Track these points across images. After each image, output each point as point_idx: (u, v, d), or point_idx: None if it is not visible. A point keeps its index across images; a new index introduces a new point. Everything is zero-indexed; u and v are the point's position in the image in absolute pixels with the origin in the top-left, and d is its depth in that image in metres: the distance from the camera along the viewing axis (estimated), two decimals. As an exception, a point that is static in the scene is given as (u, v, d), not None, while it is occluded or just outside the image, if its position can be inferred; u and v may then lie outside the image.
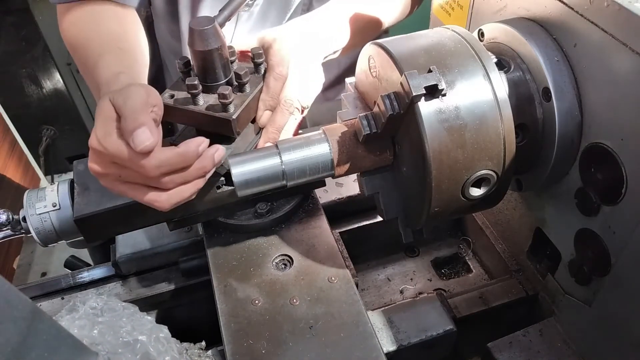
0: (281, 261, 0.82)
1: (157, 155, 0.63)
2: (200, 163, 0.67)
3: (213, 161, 0.69)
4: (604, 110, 0.63)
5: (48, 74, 2.89)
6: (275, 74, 0.79)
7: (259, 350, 0.70)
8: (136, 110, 0.63)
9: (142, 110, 0.64)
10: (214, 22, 0.71)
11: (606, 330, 0.71)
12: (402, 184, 0.73)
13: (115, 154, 0.63)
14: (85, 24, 0.94)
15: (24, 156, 2.83)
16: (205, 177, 0.70)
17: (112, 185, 0.68)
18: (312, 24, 0.89)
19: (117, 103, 0.65)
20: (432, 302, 0.84)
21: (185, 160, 0.66)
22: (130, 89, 0.67)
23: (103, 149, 0.63)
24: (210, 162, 0.68)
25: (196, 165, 0.67)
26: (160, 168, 0.64)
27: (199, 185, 0.70)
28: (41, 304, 0.91)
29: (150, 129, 0.62)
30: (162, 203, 0.68)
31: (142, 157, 0.62)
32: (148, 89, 0.68)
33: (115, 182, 0.68)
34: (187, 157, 0.65)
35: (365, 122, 0.68)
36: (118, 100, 0.65)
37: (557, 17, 0.67)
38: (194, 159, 0.66)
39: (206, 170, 0.69)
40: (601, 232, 0.67)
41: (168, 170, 0.65)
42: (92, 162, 0.67)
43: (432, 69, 0.61)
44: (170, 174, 0.66)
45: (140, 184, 0.67)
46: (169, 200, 0.68)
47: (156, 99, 0.68)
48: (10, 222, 0.83)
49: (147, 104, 0.65)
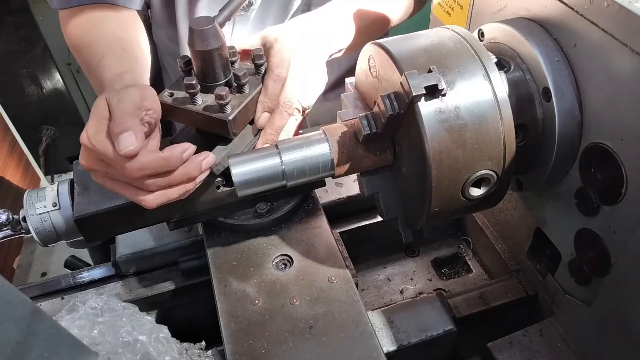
0: (281, 261, 0.82)
1: (140, 159, 0.64)
2: (185, 169, 0.68)
3: (200, 168, 0.69)
4: (604, 110, 0.63)
5: (48, 74, 2.89)
6: (275, 76, 0.79)
7: (259, 350, 0.70)
8: (125, 113, 0.64)
9: (132, 114, 0.65)
10: (214, 22, 0.71)
11: (606, 330, 0.71)
12: (402, 184, 0.73)
13: (102, 153, 0.64)
14: (88, 26, 0.95)
15: (24, 156, 2.83)
16: (196, 181, 0.71)
17: (102, 181, 0.70)
18: (313, 23, 0.89)
19: (111, 103, 0.66)
20: (432, 302, 0.84)
21: (168, 165, 0.66)
22: (125, 90, 0.68)
23: (91, 146, 0.65)
24: (196, 169, 0.69)
25: (181, 171, 0.68)
26: (143, 171, 0.64)
27: (189, 189, 0.71)
28: (41, 304, 0.91)
29: (136, 133, 0.63)
30: (148, 202, 0.69)
31: (126, 159, 0.63)
32: (144, 92, 0.69)
33: (104, 178, 0.69)
34: (169, 162, 0.66)
35: (365, 122, 0.68)
36: (112, 101, 0.66)
37: (557, 17, 0.67)
38: (178, 164, 0.67)
39: (191, 176, 0.69)
40: (601, 232, 0.67)
41: (150, 173, 0.65)
42: (82, 158, 0.68)
43: (432, 69, 0.61)
44: (154, 177, 0.66)
45: (127, 183, 0.68)
46: (154, 200, 0.69)
47: (152, 103, 0.69)
48: (10, 222, 0.83)
49: (139, 107, 0.66)
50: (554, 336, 0.80)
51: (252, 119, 0.80)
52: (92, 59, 0.87)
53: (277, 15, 1.16)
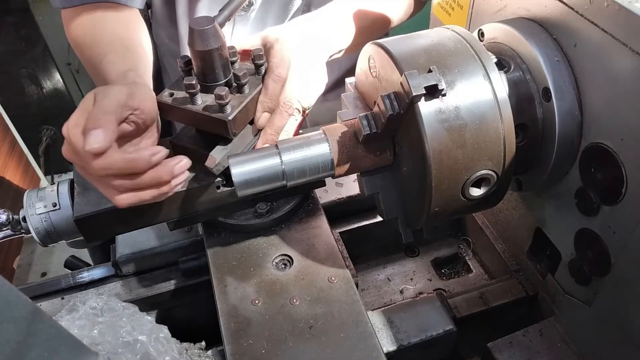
0: (281, 261, 0.82)
1: (105, 158, 0.63)
2: (156, 173, 0.66)
3: (171, 172, 0.67)
4: (604, 110, 0.63)
5: (48, 74, 2.89)
6: (275, 76, 0.79)
7: (259, 350, 0.70)
8: (102, 111, 0.64)
9: (110, 112, 0.64)
10: (214, 22, 0.71)
11: (606, 330, 0.71)
12: (402, 184, 0.73)
13: (75, 147, 0.64)
14: (90, 25, 0.95)
15: (24, 156, 2.83)
16: (171, 184, 0.69)
17: (81, 172, 0.69)
18: (314, 24, 0.89)
19: (96, 98, 0.66)
20: (432, 302, 0.84)
21: (134, 167, 0.65)
22: (113, 87, 0.68)
23: (67, 138, 0.65)
24: (167, 173, 0.67)
25: (150, 174, 0.66)
26: (107, 170, 0.64)
27: (163, 192, 0.69)
28: (41, 304, 0.91)
29: (106, 131, 0.62)
30: (118, 202, 0.68)
31: (92, 156, 0.63)
32: (134, 91, 0.68)
33: (81, 170, 0.69)
34: (134, 164, 0.65)
35: (365, 122, 0.68)
36: (98, 96, 0.66)
37: (557, 17, 0.67)
38: (145, 167, 0.65)
39: (162, 180, 0.67)
40: (601, 232, 0.67)
41: (115, 174, 0.65)
42: (63, 148, 0.68)
43: (432, 69, 0.61)
44: (121, 178, 0.65)
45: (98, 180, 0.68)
46: (125, 200, 0.68)
47: (140, 102, 0.68)
48: (10, 222, 0.83)
49: (122, 106, 0.66)
50: (554, 336, 0.80)
51: (252, 119, 0.80)
52: (95, 57, 0.87)
53: (277, 15, 1.16)
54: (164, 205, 0.78)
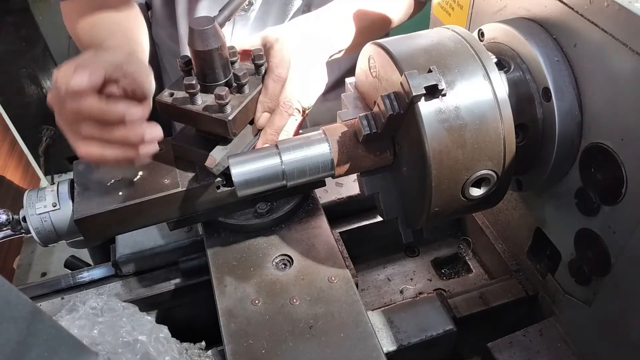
0: (281, 261, 0.82)
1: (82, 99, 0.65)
2: (125, 131, 0.67)
3: (140, 136, 0.68)
4: (604, 110, 0.63)
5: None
6: (275, 76, 0.79)
7: (259, 350, 0.70)
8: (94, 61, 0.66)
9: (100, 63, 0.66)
10: (214, 22, 0.71)
11: (606, 330, 0.71)
12: (402, 184, 0.73)
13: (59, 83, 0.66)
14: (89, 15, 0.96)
15: (24, 156, 2.83)
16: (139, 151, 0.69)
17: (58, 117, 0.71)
18: (314, 24, 0.89)
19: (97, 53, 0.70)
20: (432, 302, 0.84)
21: (105, 116, 0.66)
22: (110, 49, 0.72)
23: (56, 75, 0.66)
24: (136, 135, 0.67)
25: (119, 131, 0.67)
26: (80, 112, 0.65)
27: (128, 155, 0.69)
28: (41, 304, 0.91)
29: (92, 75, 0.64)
30: (80, 147, 0.69)
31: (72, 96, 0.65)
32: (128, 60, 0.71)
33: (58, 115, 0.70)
34: (107, 113, 0.66)
35: (365, 122, 0.68)
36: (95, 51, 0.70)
37: (557, 17, 0.67)
38: (115, 119, 0.66)
39: (129, 141, 0.68)
40: (601, 232, 0.67)
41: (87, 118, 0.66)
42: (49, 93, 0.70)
43: (432, 69, 0.61)
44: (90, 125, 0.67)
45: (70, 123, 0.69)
46: (87, 149, 0.69)
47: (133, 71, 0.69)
48: (10, 222, 0.83)
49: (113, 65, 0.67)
50: (554, 336, 0.80)
51: (252, 119, 0.80)
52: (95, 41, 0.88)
53: (278, 15, 1.16)
54: (164, 205, 0.78)
